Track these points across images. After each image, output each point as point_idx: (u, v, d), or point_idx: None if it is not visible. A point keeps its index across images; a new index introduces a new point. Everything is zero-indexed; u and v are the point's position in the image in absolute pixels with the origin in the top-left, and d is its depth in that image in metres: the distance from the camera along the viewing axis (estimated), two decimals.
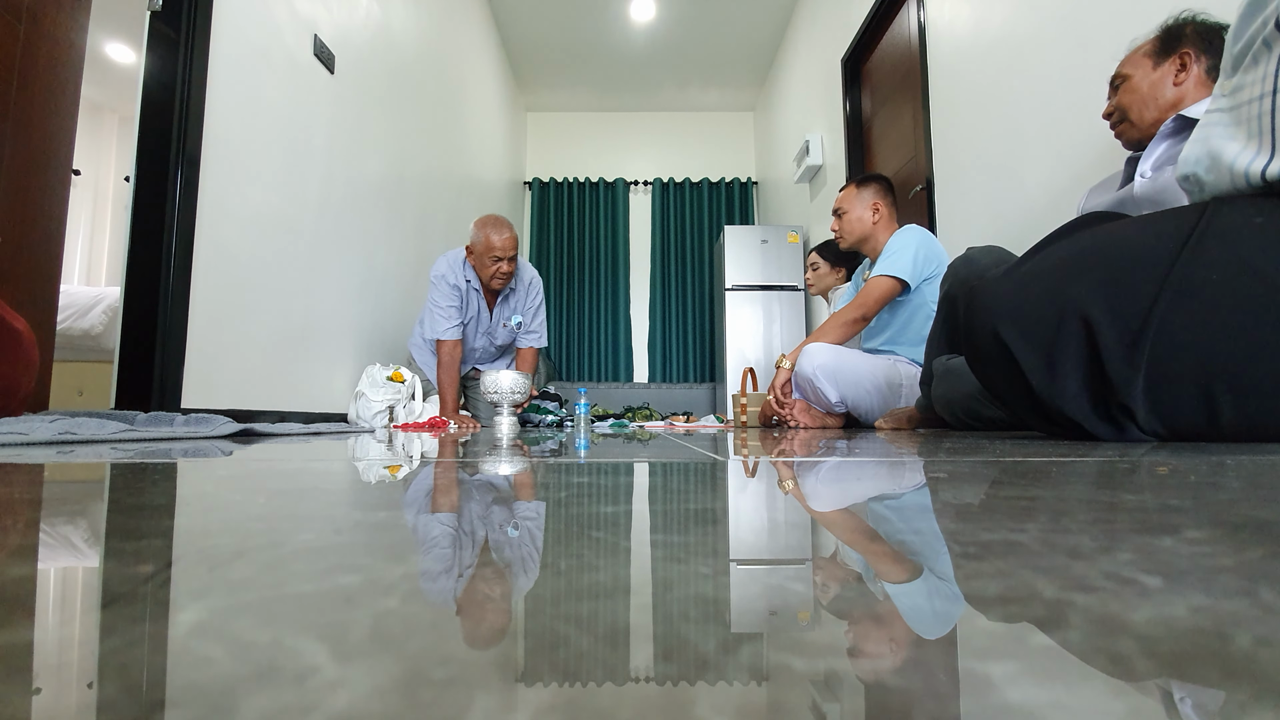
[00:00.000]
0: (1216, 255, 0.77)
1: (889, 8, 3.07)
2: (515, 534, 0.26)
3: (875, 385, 1.96)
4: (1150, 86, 1.28)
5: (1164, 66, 1.27)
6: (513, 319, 2.60)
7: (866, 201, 2.19)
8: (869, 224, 2.19)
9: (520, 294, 2.61)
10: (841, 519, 0.31)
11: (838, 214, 2.23)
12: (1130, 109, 1.31)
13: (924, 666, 0.12)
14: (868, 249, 2.22)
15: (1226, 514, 0.28)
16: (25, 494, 0.39)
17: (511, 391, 1.73)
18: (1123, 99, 1.33)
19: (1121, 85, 1.33)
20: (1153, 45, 1.30)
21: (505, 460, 0.67)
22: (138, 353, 1.65)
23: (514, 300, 2.61)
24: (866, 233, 2.19)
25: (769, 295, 4.39)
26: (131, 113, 2.12)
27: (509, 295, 2.59)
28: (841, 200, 2.24)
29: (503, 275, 2.43)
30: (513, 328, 2.61)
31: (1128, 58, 1.34)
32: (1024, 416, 0.97)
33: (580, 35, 4.88)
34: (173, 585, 0.18)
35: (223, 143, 1.83)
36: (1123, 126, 1.34)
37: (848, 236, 2.22)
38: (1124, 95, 1.32)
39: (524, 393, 2.04)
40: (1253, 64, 0.80)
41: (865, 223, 2.19)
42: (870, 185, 2.20)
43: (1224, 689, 0.11)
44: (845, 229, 2.22)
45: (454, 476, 0.51)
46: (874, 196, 2.18)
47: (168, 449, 0.76)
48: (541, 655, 0.13)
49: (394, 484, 0.47)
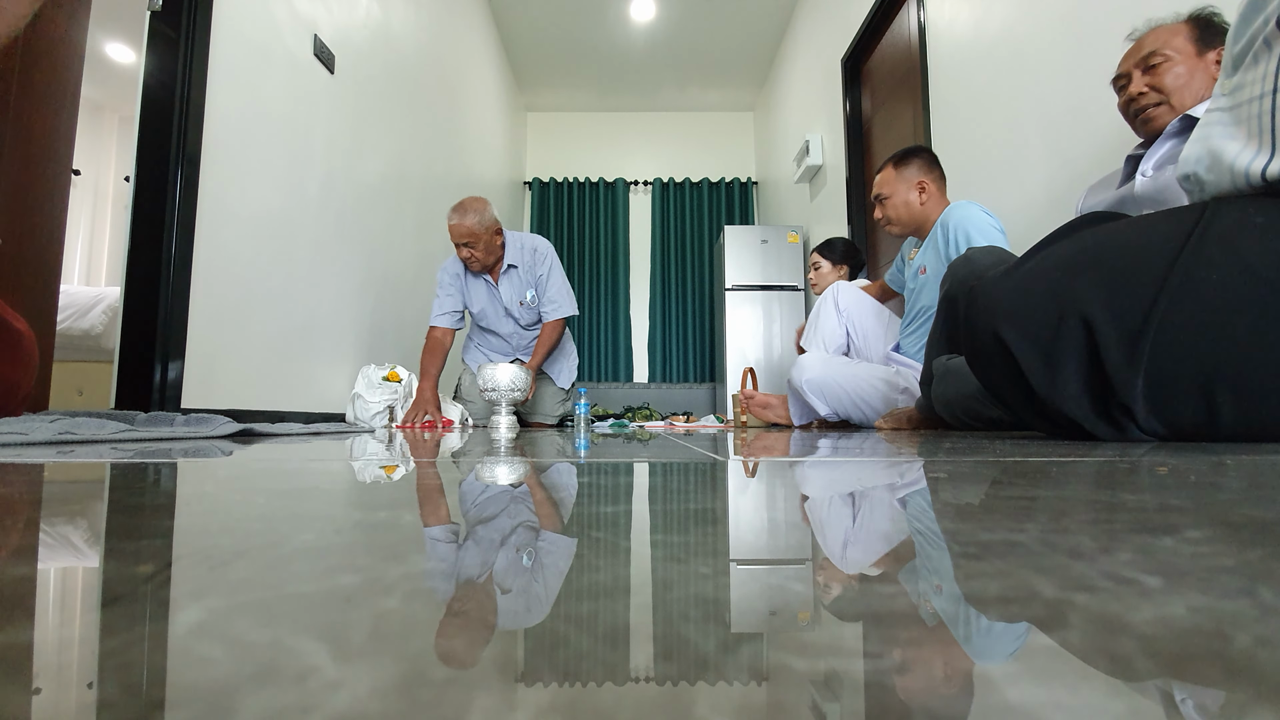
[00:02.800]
0: (1216, 255, 0.77)
1: (889, 8, 3.07)
2: (516, 540, 0.26)
3: (864, 398, 1.95)
4: (1196, 74, 1.19)
5: (1209, 56, 1.19)
6: (527, 294, 2.49)
7: (910, 181, 1.93)
8: (917, 206, 1.94)
9: (525, 268, 2.49)
10: (840, 518, 0.31)
11: (880, 200, 1.98)
12: (1173, 94, 1.21)
13: (924, 666, 0.12)
14: (922, 233, 1.98)
15: (1226, 514, 0.28)
16: (25, 494, 0.39)
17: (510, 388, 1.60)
18: (1166, 80, 1.22)
19: (1161, 65, 1.22)
20: (1192, 31, 1.21)
21: (496, 464, 0.67)
22: (138, 353, 1.65)
23: (519, 275, 2.49)
24: (917, 216, 1.95)
25: (769, 295, 4.39)
26: (131, 113, 2.12)
27: (511, 272, 2.48)
28: (881, 184, 1.98)
29: (474, 261, 2.35)
30: (529, 303, 2.50)
31: (1158, 36, 1.24)
32: (1024, 416, 0.97)
33: (580, 35, 4.88)
34: (173, 585, 0.18)
35: (223, 143, 1.83)
36: (1159, 110, 1.24)
37: (896, 223, 1.97)
38: (1168, 76, 1.21)
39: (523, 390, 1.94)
40: (1253, 63, 0.80)
41: (913, 206, 1.94)
42: (912, 162, 1.94)
43: (1224, 689, 0.11)
44: (893, 215, 1.97)
45: (439, 479, 0.51)
46: (919, 174, 1.93)
47: (168, 449, 0.76)
48: (541, 655, 0.13)
49: (393, 484, 0.47)
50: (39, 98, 1.42)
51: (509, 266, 2.45)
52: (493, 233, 2.36)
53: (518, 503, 0.36)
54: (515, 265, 2.46)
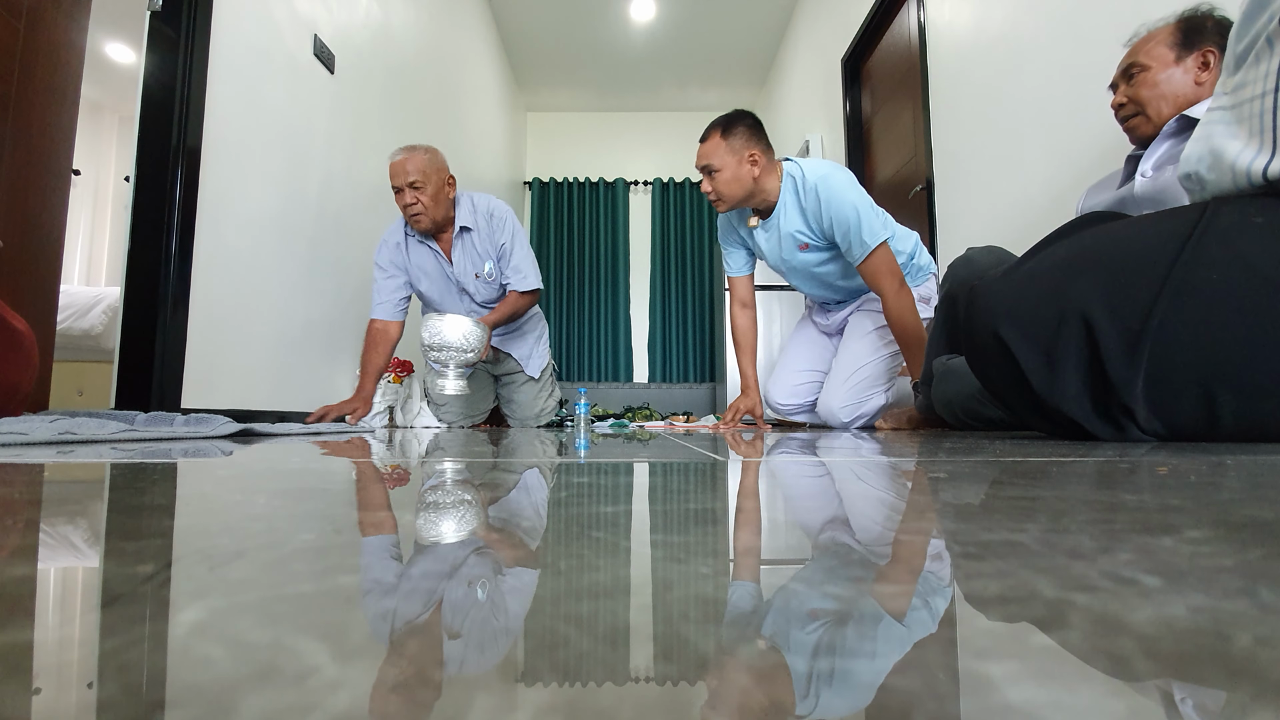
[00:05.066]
0: (1216, 255, 0.77)
1: (889, 8, 3.07)
2: (511, 538, 0.26)
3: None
4: (1171, 82, 1.19)
5: (1187, 61, 1.18)
6: (484, 265, 2.08)
7: (741, 153, 1.75)
8: (749, 180, 1.77)
9: (481, 234, 2.08)
10: (839, 519, 0.31)
11: (709, 172, 1.77)
12: (1148, 104, 1.22)
13: (924, 666, 0.12)
14: (756, 203, 1.84)
15: (1226, 514, 0.28)
16: (25, 494, 0.39)
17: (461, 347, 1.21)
18: (1140, 92, 1.23)
19: (1138, 76, 1.23)
20: (1173, 36, 1.21)
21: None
22: (138, 353, 1.65)
23: (474, 242, 2.08)
24: (749, 190, 1.79)
25: (769, 295, 4.38)
26: (131, 113, 2.12)
27: (465, 237, 2.07)
28: (708, 155, 1.76)
29: (414, 214, 1.94)
30: (486, 276, 2.10)
31: (1143, 46, 1.24)
32: (1024, 416, 0.97)
33: (580, 35, 4.88)
34: (173, 585, 0.18)
35: (223, 143, 1.83)
36: (1136, 121, 1.25)
37: (727, 199, 1.79)
38: (1142, 88, 1.22)
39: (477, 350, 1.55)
40: (1255, 62, 0.80)
41: (745, 180, 1.76)
42: (738, 130, 1.75)
43: (1224, 689, 0.11)
44: (722, 191, 1.77)
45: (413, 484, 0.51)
46: (746, 144, 1.75)
47: (168, 449, 0.76)
48: (541, 655, 0.13)
49: (392, 484, 0.47)
50: (39, 98, 1.42)
51: (462, 230, 2.05)
52: (444, 180, 1.99)
53: (508, 500, 0.36)
54: (470, 229, 2.05)
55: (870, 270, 1.74)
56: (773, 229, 1.88)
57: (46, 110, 1.44)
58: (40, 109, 1.42)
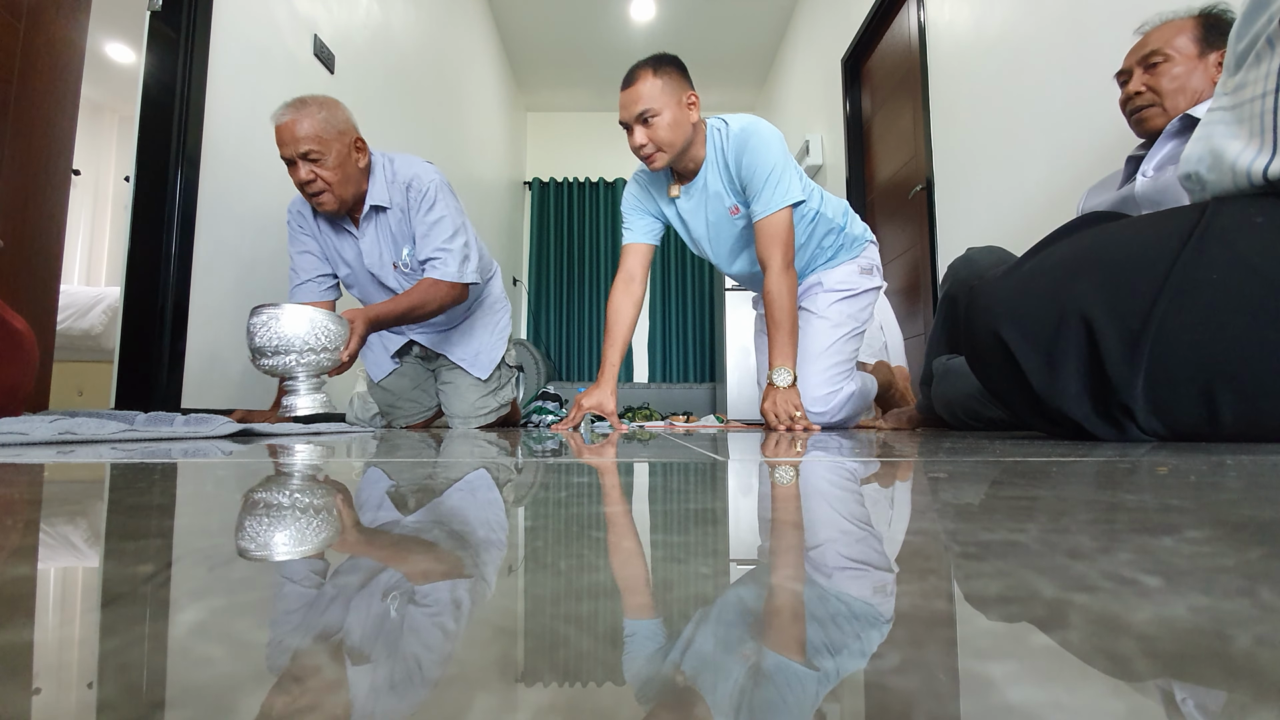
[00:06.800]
0: (1216, 255, 0.77)
1: (889, 8, 3.07)
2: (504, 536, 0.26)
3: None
4: (1193, 77, 1.16)
5: (1210, 58, 1.16)
6: (403, 252, 1.64)
7: (678, 94, 1.50)
8: (689, 126, 1.52)
9: (398, 211, 1.61)
10: (838, 518, 0.31)
11: (645, 120, 1.48)
12: (1167, 96, 1.18)
13: (924, 666, 0.12)
14: (686, 161, 1.58)
15: (1226, 514, 0.28)
16: (25, 494, 0.39)
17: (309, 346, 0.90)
18: (1162, 83, 1.18)
19: (1160, 66, 1.19)
20: (1197, 30, 1.18)
21: None
22: (138, 353, 1.65)
23: (388, 224, 1.62)
24: (688, 138, 1.53)
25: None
26: (131, 113, 2.12)
27: (377, 218, 1.61)
28: (645, 97, 1.47)
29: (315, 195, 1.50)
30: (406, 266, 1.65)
31: (1163, 35, 1.20)
32: (1024, 416, 0.97)
33: (580, 35, 4.88)
34: (173, 585, 0.18)
35: (223, 143, 1.83)
36: (1151, 111, 1.21)
37: (670, 147, 1.51)
38: (1164, 79, 1.18)
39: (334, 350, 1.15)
40: (1255, 62, 0.80)
41: (685, 126, 1.51)
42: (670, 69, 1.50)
43: (1225, 689, 0.11)
44: (664, 138, 1.49)
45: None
46: (683, 85, 1.51)
47: (168, 449, 0.76)
48: (541, 655, 0.13)
49: (390, 483, 0.47)
50: (39, 98, 1.42)
51: (371, 209, 1.60)
52: (350, 144, 1.51)
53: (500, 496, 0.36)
54: (382, 208, 1.60)
55: (767, 231, 1.53)
56: (697, 193, 1.64)
57: (46, 110, 1.44)
58: (40, 109, 1.42)
